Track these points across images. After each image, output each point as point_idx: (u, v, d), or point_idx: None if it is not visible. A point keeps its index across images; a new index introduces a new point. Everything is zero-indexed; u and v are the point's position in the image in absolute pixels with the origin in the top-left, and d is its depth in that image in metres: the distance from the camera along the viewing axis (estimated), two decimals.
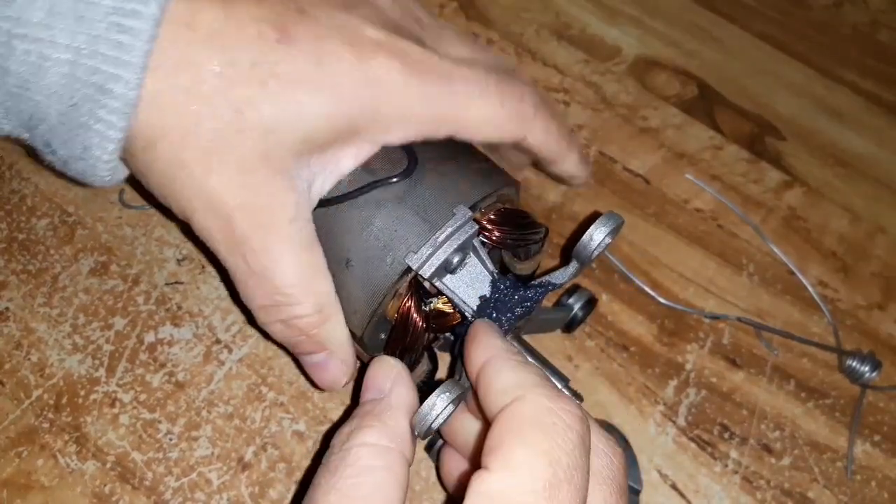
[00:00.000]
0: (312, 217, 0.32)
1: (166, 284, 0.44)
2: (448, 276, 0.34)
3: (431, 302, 0.36)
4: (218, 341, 0.43)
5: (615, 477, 0.29)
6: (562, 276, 0.36)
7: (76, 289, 0.43)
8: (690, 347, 0.46)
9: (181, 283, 0.44)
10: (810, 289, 0.49)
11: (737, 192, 0.53)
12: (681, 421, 0.44)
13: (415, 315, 0.34)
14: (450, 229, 0.32)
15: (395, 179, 0.33)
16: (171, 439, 0.40)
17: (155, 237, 0.46)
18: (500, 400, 0.28)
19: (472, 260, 0.34)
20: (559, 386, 0.35)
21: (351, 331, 0.34)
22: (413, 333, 0.34)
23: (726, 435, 0.44)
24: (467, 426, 0.35)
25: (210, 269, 0.45)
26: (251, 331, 0.43)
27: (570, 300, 0.43)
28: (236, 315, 0.43)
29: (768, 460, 0.44)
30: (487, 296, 0.34)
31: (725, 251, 0.50)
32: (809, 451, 0.44)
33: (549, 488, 0.25)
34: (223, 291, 0.44)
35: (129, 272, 0.44)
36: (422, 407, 0.31)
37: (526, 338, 0.38)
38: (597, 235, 0.34)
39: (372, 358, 0.34)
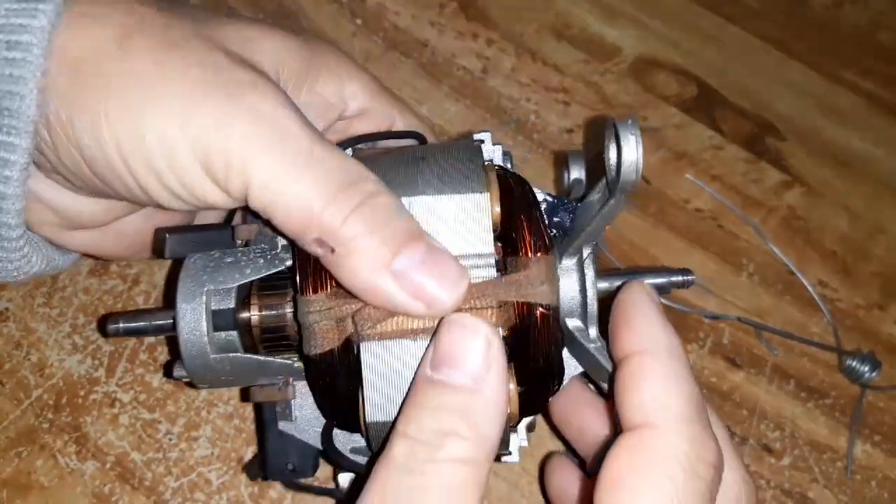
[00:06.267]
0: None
1: (166, 284, 0.44)
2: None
3: None
4: None
5: None
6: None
7: (76, 289, 0.43)
8: (690, 347, 0.46)
9: None
10: (810, 289, 0.49)
11: (737, 192, 0.53)
12: None
13: None
14: None
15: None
16: (170, 439, 0.40)
17: None
18: (636, 415, 0.25)
19: None
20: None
21: None
22: None
23: None
24: (591, 424, 0.33)
25: None
26: None
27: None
28: None
29: (768, 460, 0.44)
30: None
31: (725, 251, 0.50)
32: (809, 451, 0.44)
33: None
34: None
35: (128, 272, 0.44)
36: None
37: None
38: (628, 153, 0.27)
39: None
